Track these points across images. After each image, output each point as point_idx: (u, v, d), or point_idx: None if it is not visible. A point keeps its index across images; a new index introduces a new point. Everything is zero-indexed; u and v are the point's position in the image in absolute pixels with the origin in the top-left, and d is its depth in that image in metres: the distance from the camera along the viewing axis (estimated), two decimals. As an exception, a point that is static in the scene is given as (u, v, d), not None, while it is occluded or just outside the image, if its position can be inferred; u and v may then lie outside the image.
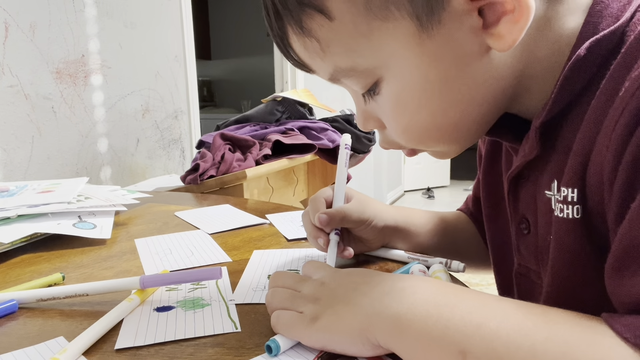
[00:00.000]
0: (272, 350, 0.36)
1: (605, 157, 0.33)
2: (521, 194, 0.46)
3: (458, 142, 0.44)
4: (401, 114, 0.41)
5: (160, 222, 0.78)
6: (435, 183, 5.07)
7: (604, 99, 0.34)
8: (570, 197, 0.37)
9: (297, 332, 0.37)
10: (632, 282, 0.28)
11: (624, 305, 0.30)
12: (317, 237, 0.54)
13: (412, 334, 0.32)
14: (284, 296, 0.40)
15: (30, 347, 0.38)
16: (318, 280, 0.41)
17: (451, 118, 0.40)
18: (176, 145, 2.05)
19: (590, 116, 0.35)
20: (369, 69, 0.39)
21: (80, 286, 0.46)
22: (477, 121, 0.42)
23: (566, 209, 0.38)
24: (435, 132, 0.42)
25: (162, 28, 1.95)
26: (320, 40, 0.38)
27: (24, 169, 1.39)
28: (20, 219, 0.68)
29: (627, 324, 0.27)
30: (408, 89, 0.39)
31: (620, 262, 0.30)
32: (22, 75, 1.37)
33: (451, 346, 0.30)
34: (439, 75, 0.38)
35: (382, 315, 0.34)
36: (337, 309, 0.36)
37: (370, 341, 0.34)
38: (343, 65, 0.39)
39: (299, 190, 1.79)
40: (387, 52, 0.37)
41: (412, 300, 0.34)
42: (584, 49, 0.36)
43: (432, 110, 0.40)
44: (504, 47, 0.36)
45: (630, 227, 0.29)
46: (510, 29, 0.35)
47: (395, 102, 0.40)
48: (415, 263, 0.53)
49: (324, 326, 0.36)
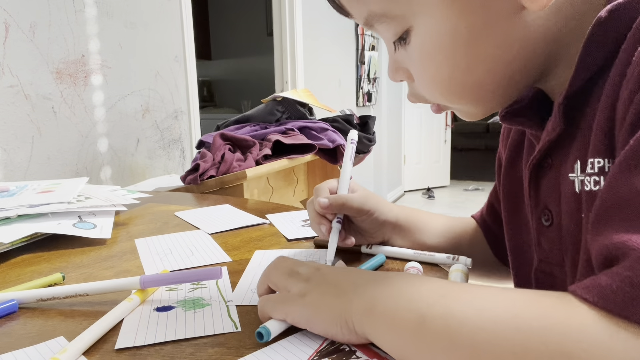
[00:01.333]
0: (264, 336, 0.37)
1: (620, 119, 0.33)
2: (543, 184, 0.45)
3: (483, 102, 0.44)
4: (428, 66, 0.41)
5: (160, 222, 0.78)
6: (435, 183, 5.07)
7: (623, 63, 0.34)
8: (598, 167, 0.36)
9: (283, 307, 0.38)
10: (604, 236, 0.29)
11: (596, 264, 0.30)
12: (320, 223, 0.56)
13: (382, 310, 0.34)
14: (283, 272, 0.42)
15: (30, 347, 0.38)
16: (314, 267, 0.43)
17: (476, 75, 0.40)
18: (176, 145, 2.05)
19: (611, 83, 0.35)
20: (400, 15, 0.40)
21: (80, 286, 0.46)
22: (502, 84, 0.41)
23: (602, 181, 0.36)
24: (459, 88, 0.42)
25: (162, 28, 1.95)
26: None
27: (24, 169, 1.39)
28: (20, 219, 0.68)
29: (586, 286, 0.28)
30: (436, 40, 0.39)
31: (598, 219, 0.30)
32: (22, 75, 1.37)
33: (413, 313, 0.32)
34: (468, 29, 0.38)
35: (360, 297, 0.36)
36: (324, 289, 0.38)
37: (347, 325, 0.35)
38: (377, 10, 0.40)
39: (299, 190, 1.79)
40: (419, 3, 0.38)
41: (389, 283, 0.36)
42: (605, 11, 0.35)
43: (457, 65, 0.40)
44: (537, 7, 0.36)
45: (607, 187, 0.30)
46: None
47: (423, 52, 0.41)
48: (380, 255, 0.55)
49: (309, 302, 0.38)
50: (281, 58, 2.81)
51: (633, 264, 0.25)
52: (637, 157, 0.28)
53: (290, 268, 0.43)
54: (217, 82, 5.00)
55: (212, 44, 4.95)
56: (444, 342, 0.30)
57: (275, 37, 2.81)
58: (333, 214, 0.57)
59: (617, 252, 0.27)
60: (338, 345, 0.37)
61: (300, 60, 2.80)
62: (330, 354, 0.36)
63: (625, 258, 0.26)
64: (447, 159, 5.23)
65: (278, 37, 2.80)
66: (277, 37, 2.80)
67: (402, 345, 0.33)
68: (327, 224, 0.56)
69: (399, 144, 4.70)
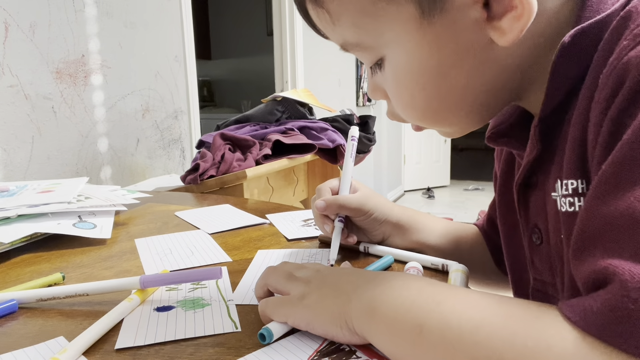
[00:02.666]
0: (266, 337, 0.37)
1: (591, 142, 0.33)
2: (531, 202, 0.45)
3: (458, 125, 0.44)
4: (401, 93, 0.42)
5: (160, 222, 0.78)
6: (435, 183, 5.07)
7: (591, 85, 0.34)
8: (572, 189, 0.36)
9: (284, 310, 0.39)
10: (587, 263, 0.29)
11: (583, 289, 0.30)
12: (323, 223, 0.59)
13: (381, 315, 0.34)
14: (282, 275, 0.42)
15: (30, 347, 0.38)
16: (314, 268, 0.43)
17: (448, 103, 0.41)
18: (176, 145, 2.05)
19: (581, 104, 0.35)
20: (373, 46, 0.41)
21: (80, 286, 0.46)
22: (475, 109, 0.42)
23: (577, 202, 0.37)
24: (433, 114, 0.42)
25: (162, 28, 1.95)
26: (330, 13, 0.40)
27: (24, 169, 1.39)
28: (20, 219, 0.68)
29: (572, 305, 0.28)
30: (407, 71, 0.40)
31: (579, 247, 0.30)
32: (22, 75, 1.37)
33: (412, 321, 0.32)
34: (438, 62, 0.39)
35: (360, 299, 0.36)
36: (324, 290, 0.39)
37: (347, 326, 0.36)
38: (350, 40, 0.41)
39: (299, 190, 1.79)
40: (390, 34, 0.39)
41: (387, 286, 0.36)
42: (568, 37, 0.36)
43: (429, 93, 0.41)
44: (505, 42, 0.36)
45: (586, 213, 0.30)
46: (512, 26, 0.35)
47: (396, 81, 0.42)
48: (388, 257, 0.55)
49: (309, 304, 0.38)
50: (281, 58, 2.80)
51: (615, 288, 0.26)
52: (610, 182, 0.29)
53: (290, 271, 0.43)
54: (217, 82, 5.00)
55: (212, 44, 4.95)
56: (440, 355, 0.31)
57: (275, 37, 2.81)
58: (335, 214, 0.58)
59: (602, 277, 0.27)
60: (338, 345, 0.37)
61: (300, 60, 2.80)
62: (330, 353, 0.36)
63: (610, 282, 0.26)
64: (447, 159, 5.23)
65: (278, 37, 2.80)
66: (277, 37, 2.80)
67: (400, 352, 0.33)
68: (330, 224, 0.58)
69: (398, 144, 4.70)
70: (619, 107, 0.30)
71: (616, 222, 0.27)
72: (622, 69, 0.30)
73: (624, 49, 0.31)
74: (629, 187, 0.27)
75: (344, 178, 0.61)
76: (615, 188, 0.28)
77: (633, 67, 0.29)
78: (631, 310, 0.25)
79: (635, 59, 0.29)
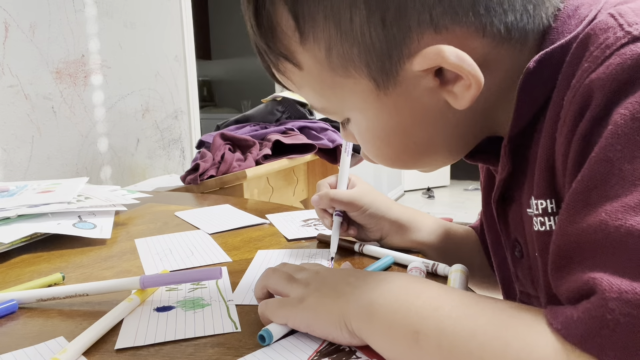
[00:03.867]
0: (266, 339, 0.37)
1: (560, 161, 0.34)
2: (510, 217, 0.46)
3: (430, 165, 0.47)
4: (369, 148, 0.45)
5: (160, 222, 0.78)
6: (435, 183, 5.07)
7: (556, 107, 0.35)
8: (541, 209, 0.38)
9: (284, 312, 0.39)
10: (568, 280, 0.29)
11: (566, 303, 0.31)
12: (322, 217, 0.62)
13: (380, 318, 0.34)
14: (282, 277, 0.43)
15: (30, 347, 0.38)
16: (313, 270, 0.43)
17: (416, 154, 0.44)
18: (176, 145, 2.05)
19: (547, 126, 0.36)
20: (336, 111, 0.43)
21: (80, 286, 0.46)
22: (446, 153, 0.44)
23: (547, 221, 0.38)
24: (402, 163, 0.46)
25: (162, 28, 1.95)
26: (294, 82, 0.42)
27: (24, 169, 1.39)
28: (20, 219, 0.68)
29: (555, 312, 0.29)
30: (371, 132, 0.43)
31: (557, 262, 0.31)
32: (22, 75, 1.37)
33: (409, 327, 0.33)
34: (399, 123, 0.41)
35: (359, 301, 0.36)
36: (323, 292, 0.39)
37: (347, 328, 0.36)
38: (315, 105, 0.44)
39: (299, 190, 1.79)
40: (350, 103, 0.41)
41: (386, 288, 0.36)
42: (533, 62, 0.36)
43: (395, 148, 0.43)
44: (460, 107, 0.37)
45: (560, 230, 0.30)
46: (463, 93, 0.36)
47: (362, 139, 0.44)
48: (388, 257, 0.55)
49: (309, 306, 0.38)
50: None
51: (595, 299, 0.26)
52: (580, 199, 0.29)
53: (289, 273, 0.43)
54: (217, 82, 5.00)
55: (212, 44, 4.95)
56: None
57: (275, 37, 2.80)
58: (332, 208, 0.61)
59: (586, 289, 0.28)
60: (338, 345, 0.37)
61: (300, 60, 2.79)
62: (330, 354, 0.36)
63: (593, 293, 0.27)
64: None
65: (278, 37, 2.79)
66: (277, 37, 2.80)
67: (399, 356, 0.34)
68: (329, 218, 0.61)
69: (399, 144, 4.69)
70: (586, 127, 0.31)
71: (591, 237, 0.28)
72: (585, 91, 0.31)
73: (585, 71, 0.32)
74: (599, 202, 0.28)
75: (340, 174, 0.63)
76: (586, 204, 0.29)
77: (596, 89, 0.30)
78: (609, 320, 0.25)
79: (598, 80, 0.30)
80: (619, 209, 0.27)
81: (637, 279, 0.25)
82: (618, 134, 0.28)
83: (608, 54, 0.31)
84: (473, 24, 0.35)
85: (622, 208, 0.27)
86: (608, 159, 0.28)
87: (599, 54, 0.31)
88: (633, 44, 0.30)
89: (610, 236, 0.27)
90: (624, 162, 0.28)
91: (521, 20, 0.36)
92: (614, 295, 0.25)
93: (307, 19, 0.37)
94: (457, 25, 0.35)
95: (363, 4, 0.35)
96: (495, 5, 0.35)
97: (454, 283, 0.47)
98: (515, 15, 0.36)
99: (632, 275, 0.25)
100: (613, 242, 0.27)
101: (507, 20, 0.36)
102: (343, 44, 0.37)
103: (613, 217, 0.27)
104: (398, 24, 0.35)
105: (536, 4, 0.37)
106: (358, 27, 0.36)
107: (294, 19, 0.37)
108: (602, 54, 0.31)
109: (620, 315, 0.25)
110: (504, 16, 0.36)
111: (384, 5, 0.35)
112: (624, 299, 0.25)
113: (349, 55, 0.37)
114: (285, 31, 0.38)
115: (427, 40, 0.35)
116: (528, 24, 0.37)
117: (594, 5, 0.37)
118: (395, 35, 0.35)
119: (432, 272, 0.53)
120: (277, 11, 0.37)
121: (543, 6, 0.37)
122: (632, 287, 0.25)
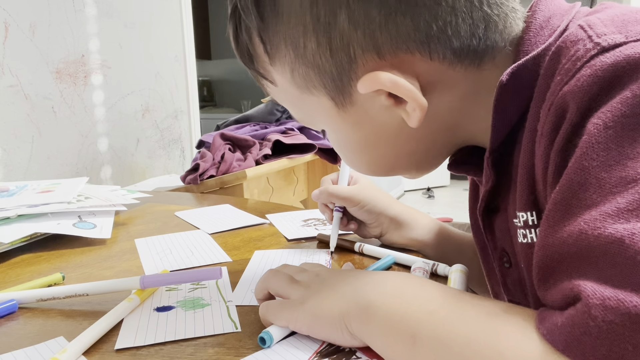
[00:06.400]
0: (266, 341, 0.37)
1: (539, 173, 0.35)
2: (496, 227, 0.46)
3: (410, 173, 0.48)
4: (342, 156, 0.48)
5: (160, 222, 0.78)
6: (435, 183, 5.07)
7: (533, 119, 0.36)
8: (523, 221, 0.38)
9: (285, 315, 0.39)
10: (553, 290, 0.30)
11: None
12: (323, 212, 0.65)
13: (377, 320, 0.35)
14: (283, 279, 0.43)
15: (30, 347, 0.38)
16: (314, 272, 0.44)
17: (384, 165, 0.46)
18: (176, 145, 2.05)
19: (526, 138, 0.37)
20: (311, 123, 0.47)
21: (80, 286, 0.46)
22: (411, 167, 0.47)
23: (528, 234, 0.38)
24: (374, 173, 0.48)
25: (162, 28, 1.95)
26: (271, 94, 0.46)
27: (24, 169, 1.39)
28: (20, 219, 0.68)
29: (543, 317, 0.29)
30: (340, 143, 0.46)
31: (541, 274, 0.31)
32: (22, 75, 1.37)
33: (406, 331, 0.33)
34: (361, 139, 0.43)
35: (358, 302, 0.36)
36: (323, 294, 0.39)
37: (347, 329, 0.36)
38: (294, 115, 0.47)
39: (299, 190, 1.79)
40: (319, 117, 0.44)
41: (384, 289, 0.36)
42: (506, 75, 0.37)
43: (367, 160, 0.46)
44: (413, 125, 0.39)
45: (542, 241, 0.31)
46: (411, 113, 0.38)
47: (335, 148, 0.48)
48: (389, 257, 0.56)
49: (309, 308, 0.38)
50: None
51: (579, 306, 0.26)
52: (560, 209, 0.30)
53: (290, 275, 0.43)
54: (217, 82, 5.00)
55: (212, 44, 4.95)
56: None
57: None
58: (332, 203, 0.62)
59: (572, 296, 0.28)
60: (338, 345, 0.37)
61: (300, 60, 2.79)
62: (330, 354, 0.36)
63: (578, 300, 0.27)
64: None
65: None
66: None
67: (397, 358, 0.34)
68: (329, 212, 0.64)
69: (399, 144, 4.69)
70: (563, 140, 0.31)
71: (572, 248, 0.28)
72: (560, 104, 0.32)
73: (558, 84, 0.32)
74: (577, 211, 0.28)
75: (341, 170, 0.65)
76: (565, 214, 0.29)
77: (570, 101, 0.31)
78: (591, 327, 0.25)
79: (570, 93, 0.31)
80: (598, 217, 0.27)
81: (619, 286, 0.25)
82: (592, 143, 0.29)
83: (579, 66, 0.31)
84: (417, 50, 0.37)
85: (601, 216, 0.27)
86: (584, 168, 0.29)
87: (570, 67, 0.32)
88: (602, 55, 0.30)
89: (590, 245, 0.27)
90: (600, 171, 0.28)
91: (470, 44, 0.37)
92: (597, 302, 0.25)
93: (273, 44, 0.40)
94: (401, 52, 0.37)
95: (312, 33, 0.38)
96: (438, 34, 0.36)
97: (454, 283, 0.47)
98: (461, 41, 0.37)
99: (614, 283, 0.25)
100: (594, 250, 0.27)
101: (454, 46, 0.37)
102: (301, 67, 0.40)
103: (592, 225, 0.27)
104: (344, 50, 0.38)
105: (487, 25, 0.37)
106: (310, 53, 0.39)
107: (263, 44, 0.41)
108: (573, 66, 0.32)
109: (603, 323, 0.25)
110: (449, 42, 0.37)
111: (330, 35, 0.37)
112: (607, 306, 0.25)
113: (308, 77, 0.40)
114: (258, 54, 0.42)
115: (372, 65, 0.37)
116: (479, 46, 0.38)
117: (566, 16, 0.38)
118: (342, 61, 0.38)
119: (432, 272, 0.53)
120: (251, 37, 0.42)
121: (500, 23, 0.38)
122: (615, 294, 0.25)
